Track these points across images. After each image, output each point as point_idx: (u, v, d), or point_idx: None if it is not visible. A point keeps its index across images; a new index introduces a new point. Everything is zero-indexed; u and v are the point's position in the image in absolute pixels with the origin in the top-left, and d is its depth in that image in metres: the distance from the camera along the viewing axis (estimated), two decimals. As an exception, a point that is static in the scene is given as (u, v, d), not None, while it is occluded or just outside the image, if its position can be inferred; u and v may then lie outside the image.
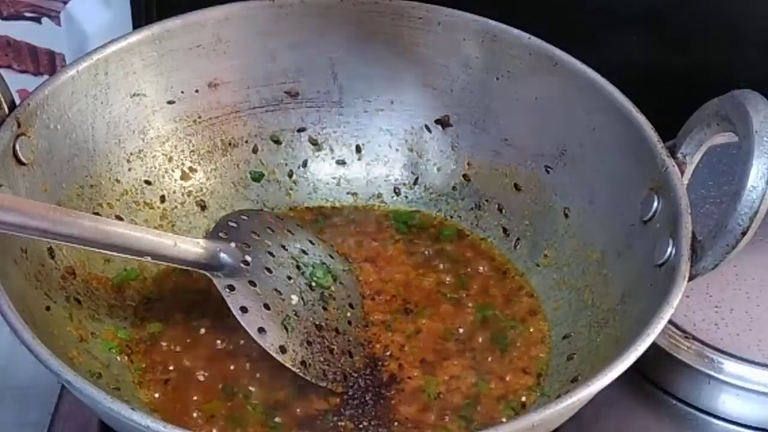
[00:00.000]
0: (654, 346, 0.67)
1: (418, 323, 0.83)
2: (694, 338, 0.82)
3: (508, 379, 0.79)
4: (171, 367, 0.78)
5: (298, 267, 0.81)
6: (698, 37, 0.99)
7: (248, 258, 0.79)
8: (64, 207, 0.78)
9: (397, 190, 0.92)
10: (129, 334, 0.80)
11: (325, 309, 0.80)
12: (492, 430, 0.64)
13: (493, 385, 0.79)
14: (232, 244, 0.79)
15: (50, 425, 0.81)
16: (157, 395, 0.76)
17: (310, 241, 0.84)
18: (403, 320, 0.83)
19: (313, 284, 0.81)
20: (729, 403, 0.82)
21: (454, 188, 0.91)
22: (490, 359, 0.81)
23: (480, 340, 0.82)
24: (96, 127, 0.83)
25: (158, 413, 0.75)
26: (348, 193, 0.92)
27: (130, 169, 0.86)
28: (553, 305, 0.84)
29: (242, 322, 0.76)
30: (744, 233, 0.68)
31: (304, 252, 0.82)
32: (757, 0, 0.99)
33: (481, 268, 0.87)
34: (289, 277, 0.80)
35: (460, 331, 0.82)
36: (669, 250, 0.73)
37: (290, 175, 0.92)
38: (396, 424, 0.76)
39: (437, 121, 0.91)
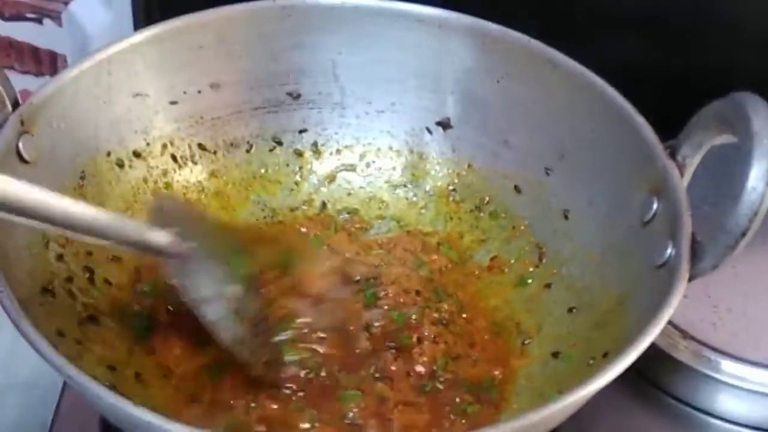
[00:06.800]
0: (652, 345, 0.67)
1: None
2: (692, 338, 0.83)
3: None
4: (174, 365, 0.78)
5: None
6: (698, 37, 1.00)
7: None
8: None
9: (397, 192, 0.92)
10: (131, 332, 0.80)
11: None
12: (492, 429, 0.64)
13: (497, 372, 0.80)
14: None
15: (52, 423, 0.81)
16: (157, 393, 0.77)
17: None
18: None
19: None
20: (726, 403, 0.82)
21: (454, 190, 0.91)
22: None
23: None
24: (99, 127, 0.83)
25: (159, 410, 0.75)
26: (348, 195, 0.93)
27: (132, 168, 0.86)
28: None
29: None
30: (743, 234, 0.68)
31: None
32: (757, 0, 1.00)
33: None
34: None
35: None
36: (668, 251, 0.73)
37: (291, 176, 0.92)
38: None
39: (438, 123, 0.91)
